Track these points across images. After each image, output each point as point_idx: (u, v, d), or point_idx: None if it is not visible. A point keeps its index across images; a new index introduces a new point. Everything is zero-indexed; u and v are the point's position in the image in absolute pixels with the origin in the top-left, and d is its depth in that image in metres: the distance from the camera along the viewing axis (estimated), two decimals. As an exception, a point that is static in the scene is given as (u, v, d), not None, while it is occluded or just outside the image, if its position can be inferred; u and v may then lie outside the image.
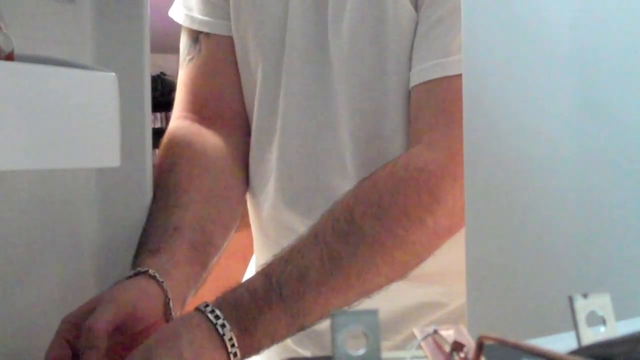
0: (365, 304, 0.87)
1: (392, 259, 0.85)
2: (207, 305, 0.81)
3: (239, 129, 1.05)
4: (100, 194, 0.92)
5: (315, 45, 0.97)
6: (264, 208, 1.03)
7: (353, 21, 0.93)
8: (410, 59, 0.92)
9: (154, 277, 0.82)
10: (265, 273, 0.85)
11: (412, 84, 0.91)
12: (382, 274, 0.86)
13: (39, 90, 0.54)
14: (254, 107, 1.03)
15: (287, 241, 0.99)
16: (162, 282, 0.82)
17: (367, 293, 0.87)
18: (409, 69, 0.92)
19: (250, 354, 0.81)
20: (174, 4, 1.07)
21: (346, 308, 0.86)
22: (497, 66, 0.68)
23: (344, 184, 0.94)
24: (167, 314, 0.82)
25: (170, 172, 0.97)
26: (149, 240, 0.89)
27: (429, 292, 0.98)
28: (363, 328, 0.34)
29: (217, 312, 0.80)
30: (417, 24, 0.91)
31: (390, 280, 0.86)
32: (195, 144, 1.00)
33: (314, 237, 0.86)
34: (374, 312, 0.34)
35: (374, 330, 0.34)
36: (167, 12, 1.08)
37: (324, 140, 0.97)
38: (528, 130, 0.67)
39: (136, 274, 0.83)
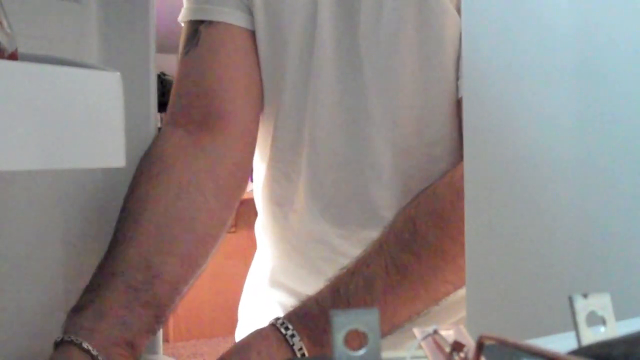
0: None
1: (456, 267, 0.85)
2: (278, 319, 0.82)
3: (234, 132, 0.94)
4: (107, 193, 0.92)
5: (346, 54, 0.93)
6: (290, 218, 1.01)
7: (392, 31, 0.90)
8: (455, 66, 0.90)
9: (76, 344, 0.75)
10: (333, 285, 0.85)
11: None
12: (448, 282, 0.86)
13: (42, 89, 0.53)
14: (277, 113, 0.97)
15: (315, 252, 0.99)
16: (87, 348, 0.75)
17: (434, 301, 0.87)
18: (454, 76, 0.90)
19: None
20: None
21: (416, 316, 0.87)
22: (498, 65, 0.68)
23: (380, 192, 0.93)
24: None
25: (129, 194, 0.88)
26: (82, 294, 0.82)
27: None
28: (363, 328, 0.34)
29: (287, 324, 0.81)
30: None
31: (456, 287, 0.86)
32: (166, 158, 0.91)
33: (378, 248, 0.86)
34: (374, 312, 0.34)
35: (374, 330, 0.34)
36: (166, 12, 1.06)
37: (358, 150, 0.94)
38: (528, 131, 0.67)
39: (59, 343, 0.76)
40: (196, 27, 0.95)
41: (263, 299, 1.08)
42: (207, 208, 0.90)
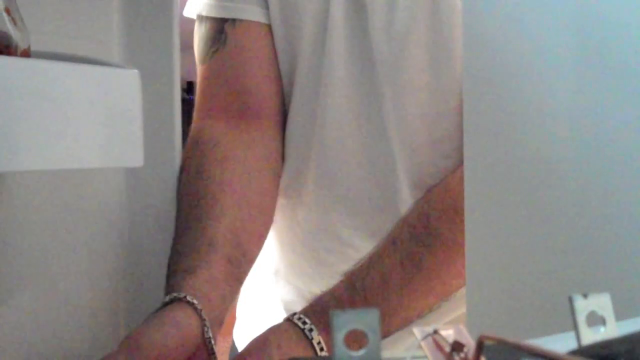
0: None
1: None
2: (294, 314, 0.82)
3: (270, 127, 0.98)
4: (130, 194, 0.91)
5: (358, 49, 0.93)
6: (297, 211, 1.01)
7: (404, 29, 0.90)
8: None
9: (191, 304, 0.75)
10: (349, 279, 0.86)
11: None
12: (461, 276, 0.86)
13: (56, 87, 0.52)
14: (289, 106, 0.98)
15: (322, 244, 0.99)
16: (201, 309, 0.75)
17: (447, 295, 0.88)
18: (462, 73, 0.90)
19: None
20: (187, 2, 1.01)
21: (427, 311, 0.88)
22: (498, 62, 0.68)
23: (394, 183, 0.93)
24: (205, 341, 0.76)
25: (198, 177, 0.90)
26: (184, 258, 0.82)
27: None
28: (363, 328, 0.34)
29: (305, 318, 0.81)
30: None
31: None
32: (223, 144, 0.93)
33: (392, 243, 0.87)
34: (374, 312, 0.34)
35: (374, 330, 0.34)
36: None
37: (370, 142, 0.94)
38: (529, 130, 0.67)
39: (172, 300, 0.76)
40: (221, 25, 0.97)
41: (264, 296, 1.07)
42: (271, 194, 0.95)
